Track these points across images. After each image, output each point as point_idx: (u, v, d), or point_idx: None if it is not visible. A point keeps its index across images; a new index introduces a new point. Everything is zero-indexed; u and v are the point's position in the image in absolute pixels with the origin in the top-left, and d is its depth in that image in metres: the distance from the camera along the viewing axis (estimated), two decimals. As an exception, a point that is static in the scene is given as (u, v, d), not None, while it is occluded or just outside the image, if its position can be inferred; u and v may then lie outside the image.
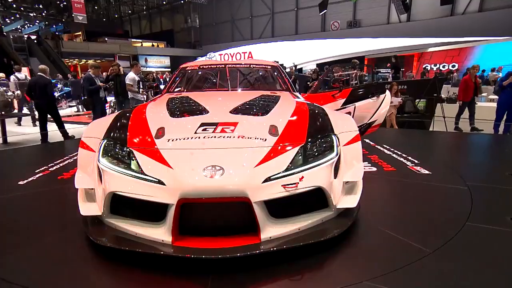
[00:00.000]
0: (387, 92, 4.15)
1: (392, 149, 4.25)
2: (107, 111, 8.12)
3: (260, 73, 3.83)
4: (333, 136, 2.04)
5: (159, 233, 1.71)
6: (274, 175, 1.72)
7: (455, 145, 4.98)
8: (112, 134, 2.07)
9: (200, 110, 2.37)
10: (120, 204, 1.82)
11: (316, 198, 1.84)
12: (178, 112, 2.36)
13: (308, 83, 8.67)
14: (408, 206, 2.48)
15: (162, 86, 7.42)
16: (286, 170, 1.76)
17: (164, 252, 1.64)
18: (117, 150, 1.93)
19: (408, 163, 3.62)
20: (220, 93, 3.14)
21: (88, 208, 1.92)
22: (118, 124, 2.18)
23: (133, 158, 1.83)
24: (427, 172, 3.29)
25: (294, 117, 2.20)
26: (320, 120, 2.21)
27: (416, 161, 3.66)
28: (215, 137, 1.91)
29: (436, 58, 17.39)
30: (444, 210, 2.40)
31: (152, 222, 1.76)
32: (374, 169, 3.38)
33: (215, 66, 3.66)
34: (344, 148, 2.06)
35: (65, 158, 4.16)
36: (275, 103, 2.54)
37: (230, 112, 2.29)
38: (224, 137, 1.91)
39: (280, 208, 1.75)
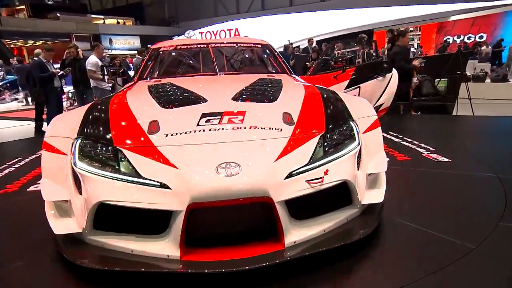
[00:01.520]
0: (394, 70, 4.24)
1: (401, 137, 4.43)
2: (64, 104, 8.11)
3: (250, 54, 3.92)
4: (352, 123, 2.14)
5: (163, 247, 1.70)
6: (296, 169, 1.77)
7: (480, 131, 5.16)
8: (88, 131, 2.03)
9: (196, 98, 2.41)
10: (106, 217, 1.78)
11: (339, 194, 1.92)
12: (169, 102, 2.37)
13: (307, 64, 8.74)
14: (432, 197, 2.64)
15: (132, 73, 7.40)
16: (309, 163, 1.82)
17: (172, 269, 1.62)
18: (98, 150, 1.91)
19: (423, 151, 3.82)
20: (210, 79, 3.21)
21: (63, 225, 1.86)
22: (94, 118, 2.16)
23: (123, 159, 1.82)
24: (446, 159, 3.48)
25: (307, 103, 2.28)
26: (336, 105, 2.30)
27: (431, 149, 3.86)
28: (222, 129, 1.94)
29: (460, 28, 17.57)
30: (473, 199, 2.56)
31: (151, 236, 1.74)
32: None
33: (196, 46, 3.74)
34: (364, 136, 2.16)
35: (2, 166, 4.05)
36: (280, 88, 2.64)
37: (233, 99, 2.35)
38: (234, 128, 1.95)
39: (301, 208, 1.80)
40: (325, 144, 1.95)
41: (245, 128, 1.95)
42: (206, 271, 1.60)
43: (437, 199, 2.60)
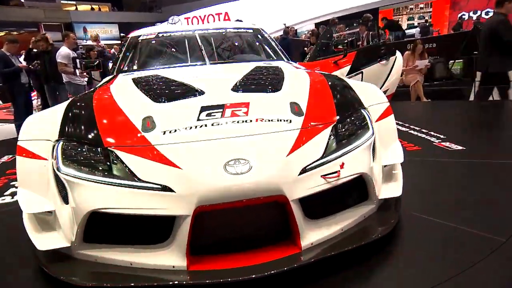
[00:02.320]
0: (398, 53, 4.29)
1: (408, 125, 4.52)
2: (34, 102, 8.09)
3: (241, 40, 3.96)
4: (363, 111, 2.20)
5: (167, 258, 1.71)
6: (310, 164, 1.80)
7: (499, 117, 5.23)
8: (70, 132, 2.02)
9: (191, 90, 2.43)
10: (98, 228, 1.77)
11: (354, 189, 1.96)
12: (162, 96, 2.39)
13: (306, 49, 8.78)
14: (450, 188, 2.72)
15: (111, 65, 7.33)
16: (323, 156, 1.86)
17: (180, 281, 1.62)
18: (85, 152, 1.90)
19: (433, 139, 3.92)
20: (201, 69, 3.24)
21: (48, 240, 1.84)
22: (77, 117, 2.16)
23: (116, 161, 1.81)
24: (460, 147, 3.57)
25: (315, 91, 2.34)
26: (345, 93, 2.36)
27: (441, 136, 3.97)
28: (226, 123, 1.96)
29: (476, 2, 17.60)
30: (495, 188, 2.61)
31: (152, 245, 1.75)
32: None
33: (180, 33, 3.79)
34: (377, 125, 2.20)
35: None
36: (281, 76, 2.69)
37: (232, 90, 2.39)
38: (238, 122, 1.97)
39: (315, 206, 1.83)
40: (338, 135, 2.00)
41: (251, 121, 1.97)
42: (221, 280, 1.59)
43: (455, 190, 2.67)
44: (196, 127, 1.94)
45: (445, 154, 3.41)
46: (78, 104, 2.34)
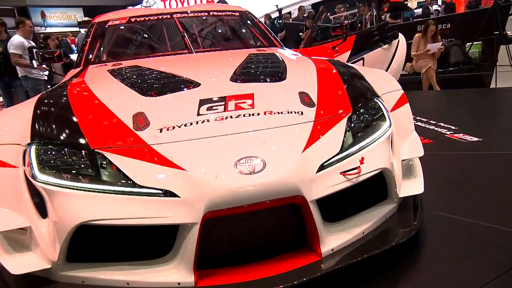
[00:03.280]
0: (401, 36, 4.39)
1: (413, 116, 4.57)
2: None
3: (227, 25, 4.05)
4: (378, 100, 2.29)
5: (170, 274, 1.71)
6: (328, 159, 1.86)
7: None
8: (45, 133, 2.00)
9: (184, 82, 2.48)
10: (85, 244, 1.75)
11: (373, 187, 2.02)
12: (151, 89, 2.40)
13: (301, 34, 8.87)
14: (469, 183, 2.85)
15: (74, 57, 7.25)
16: (342, 151, 1.92)
17: None
18: (66, 156, 1.87)
19: (444, 131, 4.11)
20: (186, 58, 3.30)
21: (23, 262, 1.79)
22: (51, 116, 2.15)
23: (105, 165, 1.81)
24: (475, 139, 3.73)
25: (323, 80, 2.43)
26: (356, 80, 2.45)
27: (452, 127, 4.15)
28: (231, 117, 2.00)
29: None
30: None
31: (151, 261, 1.76)
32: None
33: (156, 17, 3.82)
34: (392, 115, 2.29)
35: None
36: (282, 63, 2.79)
37: (231, 81, 2.45)
38: (245, 115, 2.02)
39: (332, 207, 1.88)
40: (353, 127, 2.07)
41: (258, 114, 2.02)
42: None
43: (475, 184, 2.79)
44: (197, 122, 1.96)
45: (460, 147, 3.57)
46: (50, 101, 2.33)
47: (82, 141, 1.90)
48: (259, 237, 1.87)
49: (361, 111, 2.17)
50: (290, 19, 12.06)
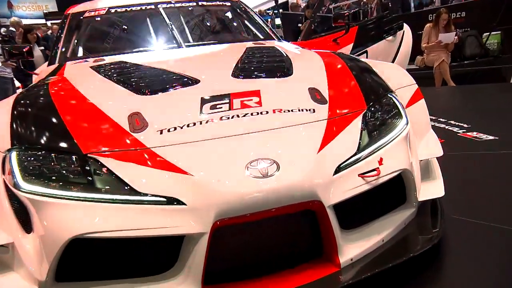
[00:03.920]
0: (406, 26, 4.44)
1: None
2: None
3: (218, 16, 4.10)
4: (392, 96, 2.34)
5: None
6: (345, 160, 1.89)
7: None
8: (27, 138, 1.99)
9: (180, 78, 2.51)
10: (77, 261, 1.73)
11: (391, 190, 2.04)
12: (145, 86, 2.41)
13: (300, 25, 8.90)
14: (489, 185, 2.91)
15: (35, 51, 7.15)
16: (358, 151, 1.95)
17: None
18: (53, 163, 1.84)
19: (455, 129, 4.17)
20: (177, 53, 3.35)
21: (5, 284, 1.78)
22: (32, 117, 2.14)
23: (99, 171, 1.80)
24: (491, 137, 3.79)
25: (333, 74, 2.48)
26: (367, 75, 2.51)
27: (465, 126, 4.22)
28: (238, 116, 2.02)
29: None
30: None
31: (152, 277, 1.75)
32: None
33: (138, 8, 3.85)
34: (407, 111, 2.32)
35: None
36: (286, 58, 2.86)
37: (233, 77, 2.49)
38: (253, 114, 2.04)
39: (347, 213, 1.88)
40: (368, 125, 2.11)
41: (267, 112, 2.05)
42: None
43: (495, 186, 2.83)
44: (201, 123, 1.98)
45: (475, 146, 3.64)
46: (31, 101, 2.33)
47: (72, 145, 1.88)
48: (271, 247, 1.87)
49: (376, 107, 2.22)
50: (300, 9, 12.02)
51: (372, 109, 2.19)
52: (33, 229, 1.74)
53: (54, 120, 2.05)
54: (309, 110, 2.08)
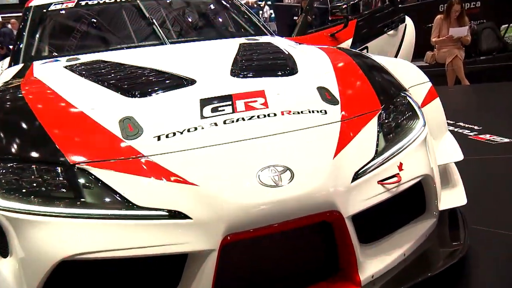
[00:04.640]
0: (408, 19, 4.49)
1: None
2: None
3: (204, 8, 4.14)
4: (406, 95, 2.39)
5: None
6: (363, 166, 1.91)
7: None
8: (2, 148, 1.95)
9: (174, 79, 2.52)
10: (61, 286, 1.70)
11: (409, 198, 2.07)
12: (134, 88, 2.40)
13: (295, 18, 8.97)
14: (508, 191, 2.98)
15: None
16: (376, 155, 1.98)
17: None
18: (34, 175, 1.81)
19: (466, 131, 4.26)
20: (163, 50, 3.39)
21: None
22: (6, 125, 2.11)
23: (89, 184, 1.77)
24: (506, 140, 3.88)
25: (342, 72, 2.52)
26: (379, 72, 2.56)
27: (476, 128, 4.30)
28: (243, 119, 2.03)
29: None
30: None
31: None
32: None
33: (112, 0, 3.89)
34: (423, 112, 2.37)
35: None
36: (287, 55, 2.91)
37: (232, 76, 2.51)
38: (259, 116, 2.05)
39: (366, 224, 1.90)
40: (384, 127, 2.14)
41: (275, 114, 2.06)
42: None
43: (510, 192, 2.92)
44: (202, 127, 1.97)
45: (489, 149, 3.72)
46: (1, 106, 2.30)
47: (56, 155, 1.84)
48: (284, 263, 1.88)
49: (391, 107, 2.26)
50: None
51: (387, 109, 2.23)
52: (10, 252, 1.70)
53: (32, 127, 2.03)
54: (321, 111, 2.11)
